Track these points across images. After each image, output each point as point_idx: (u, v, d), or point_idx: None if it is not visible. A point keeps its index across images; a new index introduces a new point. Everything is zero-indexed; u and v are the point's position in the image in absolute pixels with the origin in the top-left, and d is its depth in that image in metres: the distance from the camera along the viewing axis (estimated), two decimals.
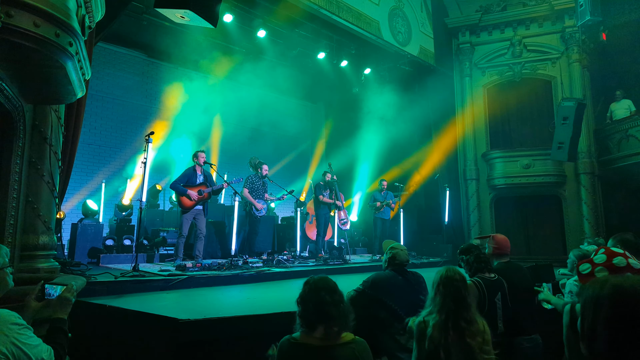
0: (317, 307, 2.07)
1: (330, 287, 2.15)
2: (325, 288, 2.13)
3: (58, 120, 3.88)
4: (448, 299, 2.32)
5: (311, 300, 2.10)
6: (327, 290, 2.12)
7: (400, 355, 3.07)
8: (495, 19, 11.31)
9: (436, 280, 2.43)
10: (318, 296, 2.09)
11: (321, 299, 2.08)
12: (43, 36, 2.61)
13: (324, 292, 2.10)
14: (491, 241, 3.62)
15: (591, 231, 9.97)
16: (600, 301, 1.15)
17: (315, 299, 2.09)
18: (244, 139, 11.34)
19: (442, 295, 2.34)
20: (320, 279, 2.21)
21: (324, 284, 2.16)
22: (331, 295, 2.11)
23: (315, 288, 2.14)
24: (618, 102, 10.19)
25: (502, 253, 3.57)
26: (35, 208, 3.61)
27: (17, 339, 1.77)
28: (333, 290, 2.14)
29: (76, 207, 8.67)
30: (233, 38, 9.11)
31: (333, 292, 2.13)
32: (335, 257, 7.81)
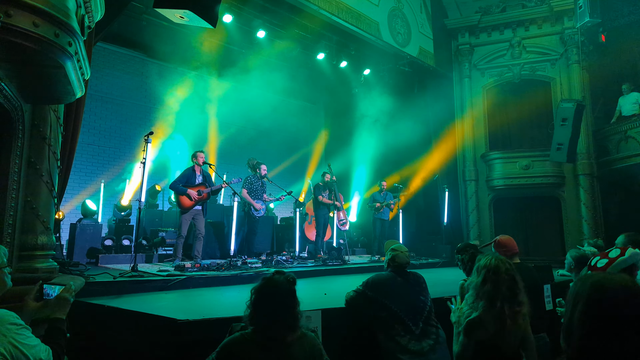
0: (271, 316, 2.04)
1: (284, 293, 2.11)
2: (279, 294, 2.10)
3: (57, 120, 3.88)
4: (502, 287, 2.29)
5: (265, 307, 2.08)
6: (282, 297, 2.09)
7: (402, 357, 3.06)
8: (494, 20, 11.32)
9: (481, 267, 2.38)
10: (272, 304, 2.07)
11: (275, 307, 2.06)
12: (42, 36, 2.61)
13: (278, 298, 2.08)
14: (498, 246, 3.59)
15: (590, 232, 9.98)
16: (578, 297, 1.18)
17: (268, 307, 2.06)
18: (242, 139, 11.33)
19: (493, 283, 2.30)
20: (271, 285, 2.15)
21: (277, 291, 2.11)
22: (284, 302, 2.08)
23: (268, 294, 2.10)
24: (627, 96, 10.07)
25: (512, 254, 3.55)
26: (34, 208, 3.61)
27: (15, 339, 1.76)
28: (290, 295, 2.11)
29: (75, 207, 8.66)
30: (232, 38, 9.11)
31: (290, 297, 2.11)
32: (334, 258, 7.80)
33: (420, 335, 3.11)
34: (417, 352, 3.05)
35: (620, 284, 1.17)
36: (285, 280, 2.15)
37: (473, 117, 11.46)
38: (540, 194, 10.87)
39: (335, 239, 9.80)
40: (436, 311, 3.39)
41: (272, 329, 2.04)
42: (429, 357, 3.07)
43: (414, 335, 3.10)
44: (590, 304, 1.16)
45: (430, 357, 3.07)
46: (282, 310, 2.06)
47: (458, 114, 11.53)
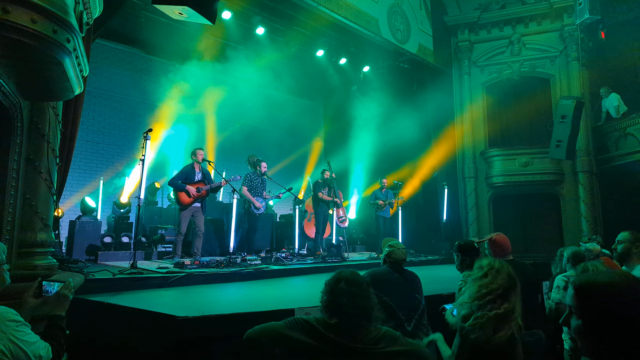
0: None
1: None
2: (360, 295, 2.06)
3: (56, 117, 3.87)
4: (500, 289, 2.29)
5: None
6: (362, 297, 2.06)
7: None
8: (494, 17, 11.31)
9: (484, 266, 2.38)
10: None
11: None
12: (40, 32, 2.59)
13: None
14: (492, 245, 3.61)
15: (589, 229, 10.00)
16: (571, 292, 1.22)
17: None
18: (242, 136, 11.32)
19: (492, 284, 2.31)
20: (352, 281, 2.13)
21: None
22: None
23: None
24: (607, 99, 10.25)
25: (505, 253, 3.57)
26: (32, 205, 3.61)
27: (14, 336, 1.76)
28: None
29: (75, 204, 8.65)
30: (231, 35, 9.09)
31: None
32: (334, 255, 7.81)
33: (412, 332, 3.11)
34: None
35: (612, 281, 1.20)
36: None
37: (472, 114, 11.46)
38: (540, 191, 10.88)
39: (334, 236, 9.80)
40: (429, 310, 3.39)
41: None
42: None
43: (406, 331, 3.10)
44: (579, 300, 1.19)
45: None
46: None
47: (457, 111, 11.53)
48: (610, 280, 1.18)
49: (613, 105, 10.12)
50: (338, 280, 2.14)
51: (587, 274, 1.25)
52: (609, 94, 10.22)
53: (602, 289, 1.17)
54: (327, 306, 2.11)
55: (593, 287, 1.18)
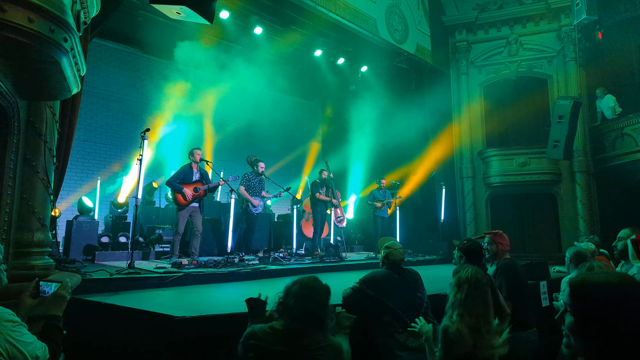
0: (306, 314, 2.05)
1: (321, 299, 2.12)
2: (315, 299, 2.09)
3: (53, 116, 3.86)
4: (478, 302, 2.28)
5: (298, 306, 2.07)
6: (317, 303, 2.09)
7: (399, 354, 3.07)
8: (491, 17, 11.33)
9: (462, 281, 2.36)
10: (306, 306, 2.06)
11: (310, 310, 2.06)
12: (37, 32, 2.59)
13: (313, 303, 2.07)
14: (500, 238, 3.65)
15: (586, 229, 10.02)
16: (567, 290, 1.24)
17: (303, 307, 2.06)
18: (240, 136, 11.31)
19: (473, 298, 2.29)
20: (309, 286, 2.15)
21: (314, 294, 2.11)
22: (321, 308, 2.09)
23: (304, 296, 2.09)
24: (602, 100, 10.29)
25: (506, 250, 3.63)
26: (29, 205, 3.59)
27: (11, 336, 1.76)
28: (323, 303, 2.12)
29: (72, 204, 8.63)
30: (229, 35, 9.08)
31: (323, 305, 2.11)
32: (332, 255, 7.81)
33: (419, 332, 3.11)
34: (415, 349, 3.05)
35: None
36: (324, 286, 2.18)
37: (470, 114, 11.48)
38: (537, 191, 10.91)
39: (332, 236, 9.80)
40: (432, 307, 3.40)
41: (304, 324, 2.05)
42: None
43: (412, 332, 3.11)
44: (574, 301, 1.20)
45: None
46: (318, 309, 2.07)
47: (455, 111, 11.54)
48: (605, 279, 1.19)
49: (609, 106, 10.16)
50: (294, 283, 2.16)
51: (583, 273, 1.27)
52: (604, 95, 10.26)
53: (597, 287, 1.18)
54: (277, 309, 2.13)
55: (588, 286, 1.19)
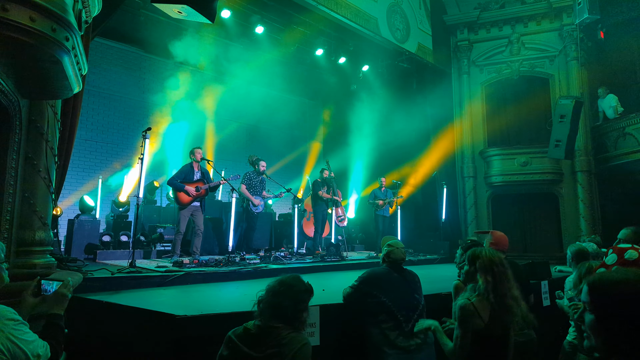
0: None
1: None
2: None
3: (54, 115, 3.86)
4: (495, 279, 2.36)
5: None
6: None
7: (388, 351, 3.07)
8: (493, 16, 11.31)
9: (477, 261, 2.45)
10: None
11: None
12: (39, 31, 2.59)
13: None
14: (490, 237, 3.64)
15: (587, 229, 10.01)
16: (585, 288, 1.26)
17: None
18: (241, 135, 11.32)
19: (489, 275, 2.38)
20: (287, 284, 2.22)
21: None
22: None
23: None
24: (604, 99, 10.27)
25: (500, 249, 3.59)
26: (31, 204, 3.60)
27: (12, 335, 1.76)
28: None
29: (73, 203, 8.64)
30: (231, 34, 9.08)
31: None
32: (333, 254, 7.81)
33: (410, 332, 3.11)
34: (404, 349, 3.05)
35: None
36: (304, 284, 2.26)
37: (471, 113, 11.46)
38: (538, 191, 10.89)
39: (333, 236, 9.80)
40: (429, 308, 3.39)
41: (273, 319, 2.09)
42: (414, 355, 3.07)
43: (403, 331, 3.10)
44: (591, 298, 1.22)
45: (415, 356, 3.07)
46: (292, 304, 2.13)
47: (457, 111, 11.53)
48: (624, 277, 1.21)
49: (611, 105, 10.13)
50: (275, 281, 2.25)
51: (601, 271, 1.28)
52: (606, 94, 10.23)
53: (616, 286, 1.19)
54: (256, 307, 2.20)
55: (607, 284, 1.21)
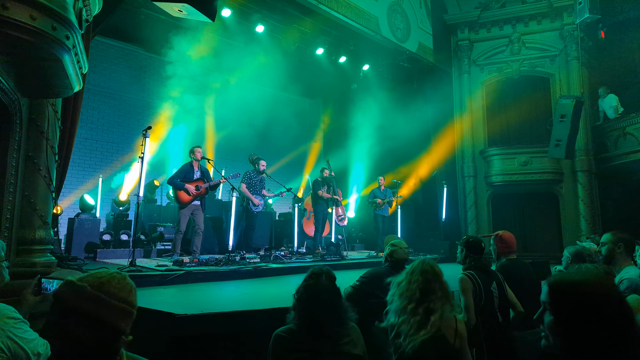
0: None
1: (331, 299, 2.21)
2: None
3: (55, 114, 3.86)
4: (416, 289, 2.25)
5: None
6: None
7: (390, 351, 3.07)
8: (494, 15, 11.30)
9: (408, 272, 2.35)
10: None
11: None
12: (39, 29, 2.59)
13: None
14: (498, 240, 3.62)
15: (587, 228, 10.01)
16: (545, 289, 1.27)
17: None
18: (241, 134, 11.30)
19: (410, 286, 2.28)
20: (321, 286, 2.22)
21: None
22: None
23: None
24: (605, 99, 10.27)
25: (510, 251, 3.59)
26: (31, 202, 3.60)
27: (13, 333, 1.76)
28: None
29: (74, 202, 8.64)
30: (231, 33, 9.07)
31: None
32: (333, 253, 7.81)
33: None
34: None
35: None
36: (327, 280, 2.25)
37: (472, 113, 11.46)
38: (539, 190, 10.89)
39: (333, 235, 9.80)
40: None
41: (316, 330, 2.14)
42: None
43: None
44: (549, 296, 1.24)
45: None
46: (325, 312, 2.16)
47: (457, 110, 11.53)
48: (582, 278, 1.23)
49: (611, 105, 10.14)
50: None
51: (561, 272, 1.31)
52: (607, 94, 10.24)
53: (574, 286, 1.21)
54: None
55: (565, 285, 1.22)
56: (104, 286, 1.30)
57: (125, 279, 1.40)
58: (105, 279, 1.33)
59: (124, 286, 1.36)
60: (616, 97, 10.13)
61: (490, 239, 3.71)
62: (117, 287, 1.34)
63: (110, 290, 1.31)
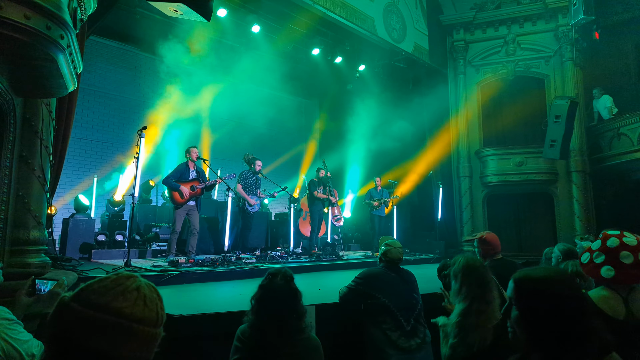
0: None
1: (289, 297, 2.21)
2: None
3: (49, 114, 3.84)
4: (474, 286, 2.29)
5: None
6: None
7: (389, 351, 3.06)
8: (489, 16, 11.35)
9: (457, 270, 2.38)
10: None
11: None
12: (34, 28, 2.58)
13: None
14: (482, 243, 3.62)
15: (582, 228, 10.07)
16: (511, 285, 1.34)
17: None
18: (237, 135, 11.29)
19: (467, 284, 2.31)
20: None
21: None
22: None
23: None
24: (599, 100, 10.34)
25: (495, 252, 3.59)
26: (25, 203, 3.58)
27: (7, 334, 1.75)
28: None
29: (68, 202, 8.60)
30: (227, 33, 9.06)
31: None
32: (329, 254, 7.81)
33: (410, 332, 3.11)
34: (405, 349, 3.05)
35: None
36: (282, 280, 2.26)
37: (467, 113, 11.50)
38: (533, 191, 10.94)
39: (329, 235, 9.81)
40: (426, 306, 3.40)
41: (271, 335, 2.11)
42: (415, 355, 3.07)
43: (404, 331, 3.10)
44: (514, 293, 1.30)
45: (416, 355, 3.07)
46: (282, 317, 2.14)
47: (452, 111, 11.56)
48: (545, 274, 1.29)
49: (606, 106, 10.21)
50: None
51: (526, 268, 1.35)
52: (601, 95, 10.32)
53: (537, 282, 1.27)
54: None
55: (529, 281, 1.28)
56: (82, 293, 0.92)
57: (119, 278, 0.96)
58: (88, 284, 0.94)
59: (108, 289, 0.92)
60: (610, 98, 10.20)
61: (474, 242, 3.71)
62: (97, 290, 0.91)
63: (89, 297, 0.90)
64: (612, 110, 10.09)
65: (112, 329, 0.87)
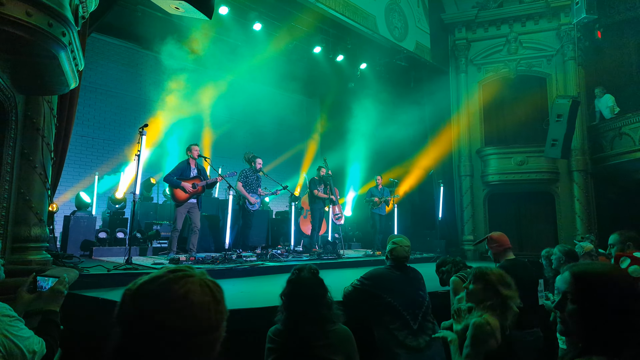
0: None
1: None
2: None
3: (51, 111, 3.84)
4: (489, 293, 2.35)
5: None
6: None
7: (398, 351, 3.04)
8: (491, 15, 11.32)
9: (482, 278, 2.42)
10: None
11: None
12: (36, 26, 2.57)
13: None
14: (491, 242, 3.61)
15: (583, 228, 10.05)
16: (568, 278, 1.32)
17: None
18: (238, 132, 11.29)
19: (494, 291, 2.36)
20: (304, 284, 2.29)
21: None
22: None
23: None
24: (601, 99, 10.31)
25: (505, 248, 3.56)
26: (27, 200, 3.58)
27: (8, 331, 1.75)
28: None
29: (70, 199, 8.61)
30: (228, 31, 9.04)
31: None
32: (329, 252, 7.81)
33: (418, 330, 3.08)
34: (414, 348, 3.01)
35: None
36: (311, 276, 2.34)
37: (469, 112, 11.48)
38: (535, 190, 10.93)
39: (330, 233, 9.81)
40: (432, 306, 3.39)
41: (305, 326, 2.17)
42: (425, 353, 3.04)
43: (412, 330, 3.07)
44: (572, 285, 1.28)
45: (426, 353, 3.04)
46: (305, 306, 2.22)
47: (454, 110, 11.54)
48: (606, 270, 1.27)
49: (607, 105, 10.18)
50: None
51: (581, 263, 1.35)
52: (603, 94, 10.28)
53: (599, 277, 1.24)
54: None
55: (590, 275, 1.26)
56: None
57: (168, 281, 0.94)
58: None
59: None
60: (612, 97, 10.18)
61: (485, 245, 3.70)
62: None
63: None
64: (614, 110, 10.06)
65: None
